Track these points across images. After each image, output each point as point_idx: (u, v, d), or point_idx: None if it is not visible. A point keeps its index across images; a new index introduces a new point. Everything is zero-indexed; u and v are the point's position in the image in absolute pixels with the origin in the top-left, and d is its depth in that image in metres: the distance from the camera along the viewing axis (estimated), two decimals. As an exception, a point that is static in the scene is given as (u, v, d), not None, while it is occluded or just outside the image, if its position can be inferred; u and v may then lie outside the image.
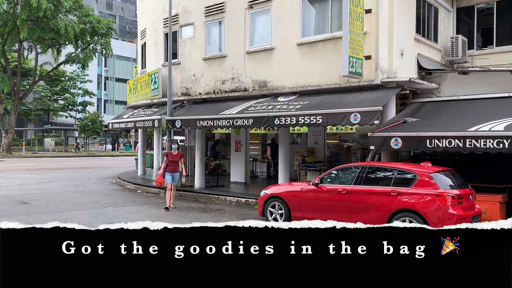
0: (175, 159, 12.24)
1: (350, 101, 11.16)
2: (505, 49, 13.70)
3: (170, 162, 12.22)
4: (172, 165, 12.21)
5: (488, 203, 9.60)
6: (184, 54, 16.15)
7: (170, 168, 12.19)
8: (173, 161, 12.21)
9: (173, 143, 12.46)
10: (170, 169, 12.18)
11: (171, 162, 12.22)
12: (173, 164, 12.22)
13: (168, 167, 12.21)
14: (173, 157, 12.25)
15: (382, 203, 8.23)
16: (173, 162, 12.21)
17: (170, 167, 12.20)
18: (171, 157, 12.24)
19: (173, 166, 12.21)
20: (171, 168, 12.20)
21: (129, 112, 19.92)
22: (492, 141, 8.68)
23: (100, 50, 36.63)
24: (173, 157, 12.25)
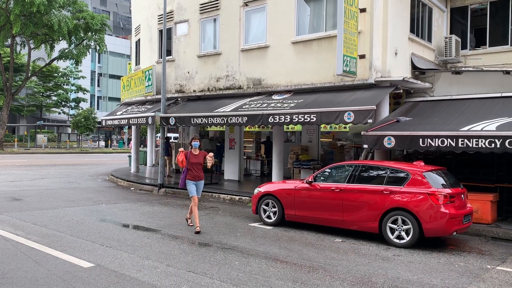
0: (198, 160, 9.08)
1: (344, 100, 11.20)
2: (498, 50, 13.81)
3: (191, 165, 9.05)
4: (195, 170, 9.07)
5: (480, 202, 9.69)
6: (179, 51, 16.10)
7: (191, 174, 9.07)
8: (195, 164, 9.07)
9: (194, 140, 9.21)
10: (191, 176, 9.07)
11: (193, 165, 9.05)
12: (196, 169, 9.08)
13: (189, 173, 9.08)
14: (195, 158, 9.06)
15: (375, 202, 8.27)
16: (195, 166, 9.07)
17: (191, 172, 9.06)
18: (192, 158, 9.05)
19: (195, 172, 9.08)
20: (193, 174, 9.07)
21: (122, 109, 19.84)
22: (484, 141, 8.75)
23: (94, 46, 36.45)
24: (195, 158, 9.07)
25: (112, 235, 8.39)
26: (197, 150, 9.22)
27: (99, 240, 7.89)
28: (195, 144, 9.18)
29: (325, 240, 8.46)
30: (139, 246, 7.58)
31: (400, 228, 7.99)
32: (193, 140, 9.24)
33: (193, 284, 5.63)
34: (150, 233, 8.67)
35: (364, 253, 7.54)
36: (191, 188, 9.08)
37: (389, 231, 8.10)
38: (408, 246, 7.87)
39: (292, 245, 7.99)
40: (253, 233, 8.86)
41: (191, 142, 9.21)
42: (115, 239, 8.02)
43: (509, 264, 7.04)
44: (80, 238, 8.01)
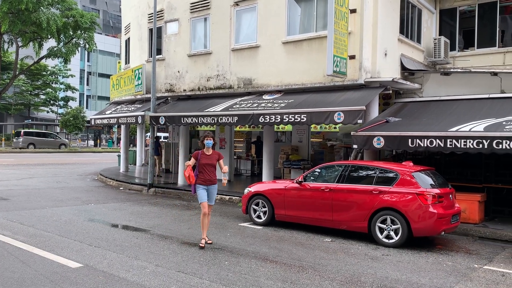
0: (210, 161, 7.87)
1: (334, 100, 11.23)
2: (486, 51, 13.97)
3: (202, 167, 7.82)
4: (206, 173, 7.82)
5: (468, 202, 9.79)
6: (169, 50, 16.02)
7: (202, 177, 7.82)
8: (207, 166, 7.84)
9: (207, 138, 7.91)
10: (202, 179, 7.81)
11: (204, 167, 7.82)
12: (207, 171, 7.83)
13: (199, 176, 7.84)
14: (207, 159, 7.85)
15: (364, 202, 8.31)
16: (207, 168, 7.83)
17: (202, 175, 7.82)
18: (205, 159, 7.84)
19: (207, 174, 7.83)
20: (204, 177, 7.82)
21: (112, 108, 19.70)
22: (472, 141, 8.85)
23: (83, 44, 36.08)
24: (207, 158, 7.86)
25: (100, 235, 8.32)
26: (210, 149, 7.91)
27: (87, 240, 7.82)
28: (208, 143, 7.86)
29: (314, 239, 8.48)
30: (128, 246, 7.52)
31: (389, 227, 8.04)
32: (206, 138, 7.90)
33: (182, 284, 5.61)
34: (139, 233, 8.61)
35: (353, 252, 7.58)
36: (201, 194, 7.78)
37: (378, 231, 8.15)
38: (397, 246, 7.92)
39: (282, 244, 7.99)
40: (243, 233, 8.85)
41: (204, 141, 7.89)
42: (103, 239, 7.95)
43: (496, 264, 7.13)
44: (68, 238, 7.94)
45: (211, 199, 7.97)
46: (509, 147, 8.46)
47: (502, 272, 6.65)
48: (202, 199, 7.83)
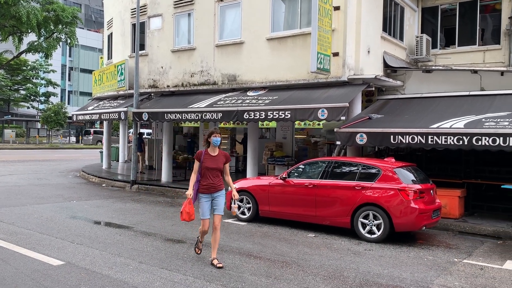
0: (216, 164, 6.40)
1: (318, 97, 11.30)
2: (467, 49, 14.22)
3: (205, 171, 6.38)
4: (209, 178, 6.38)
5: (448, 197, 9.96)
6: (152, 45, 15.88)
7: (205, 183, 6.38)
8: (212, 170, 6.38)
9: (214, 134, 6.38)
10: (205, 186, 6.38)
11: (208, 171, 6.37)
12: (211, 176, 6.38)
13: (203, 182, 6.39)
14: (212, 161, 6.39)
15: (347, 197, 8.40)
16: (210, 172, 6.38)
17: (205, 181, 6.38)
18: (209, 161, 6.38)
19: (210, 179, 6.38)
20: (207, 183, 6.38)
21: (94, 103, 19.44)
22: (453, 138, 9.00)
23: (65, 39, 35.48)
24: (212, 160, 6.39)
25: (83, 232, 8.24)
26: (217, 149, 6.43)
27: (69, 238, 7.73)
28: (216, 141, 6.34)
29: (298, 235, 8.54)
30: (111, 243, 7.46)
31: (372, 223, 8.14)
32: (213, 134, 6.34)
33: (166, 281, 5.59)
34: (123, 230, 8.55)
35: (336, 247, 7.66)
36: (204, 208, 6.34)
37: (361, 226, 8.24)
38: (379, 241, 8.03)
39: (266, 240, 8.03)
40: (227, 229, 8.86)
41: (210, 138, 6.35)
42: (86, 236, 7.87)
43: (475, 257, 7.28)
44: (50, 236, 7.83)
45: (218, 208, 6.40)
46: (488, 144, 8.64)
47: (481, 265, 6.80)
48: (204, 214, 6.34)
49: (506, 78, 11.05)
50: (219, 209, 6.45)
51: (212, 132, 6.42)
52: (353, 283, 5.77)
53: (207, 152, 6.46)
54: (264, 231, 8.80)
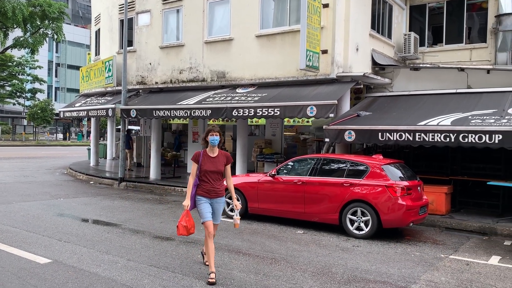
0: (216, 167, 5.74)
1: (307, 94, 11.32)
2: (454, 47, 14.36)
3: (204, 174, 5.73)
4: (209, 182, 5.73)
5: (435, 194, 10.07)
6: (140, 41, 15.76)
7: (204, 187, 5.74)
8: (212, 173, 5.73)
9: (212, 133, 5.71)
10: (204, 190, 5.74)
11: (207, 174, 5.72)
12: (211, 179, 5.74)
13: (200, 186, 5.76)
14: (212, 163, 5.73)
15: (335, 194, 8.44)
16: (210, 175, 5.73)
17: (206, 185, 5.73)
18: (208, 163, 5.73)
19: (210, 183, 5.73)
20: (207, 187, 5.74)
21: (81, 100, 19.26)
22: (440, 135, 9.10)
23: (51, 35, 35.00)
24: (212, 163, 5.73)
25: (70, 230, 8.16)
26: (216, 149, 5.76)
27: (56, 235, 7.66)
28: (214, 140, 5.65)
29: (287, 232, 8.56)
30: (98, 241, 7.41)
31: (360, 219, 8.20)
32: (210, 133, 5.68)
33: (155, 278, 5.57)
34: (110, 228, 8.49)
35: (325, 244, 7.70)
36: (204, 209, 5.68)
37: (349, 223, 8.30)
38: (367, 237, 8.09)
39: (255, 237, 8.04)
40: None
41: (207, 137, 5.70)
42: (73, 234, 7.80)
43: (461, 253, 7.38)
44: (37, 234, 7.75)
45: (216, 217, 5.81)
46: (475, 141, 8.75)
47: (467, 261, 6.89)
48: (205, 216, 5.66)
49: (492, 76, 11.20)
50: (217, 218, 5.84)
51: (210, 131, 5.71)
52: (341, 279, 5.80)
53: (206, 153, 5.76)
54: (253, 228, 8.81)
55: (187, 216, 5.72)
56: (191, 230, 5.72)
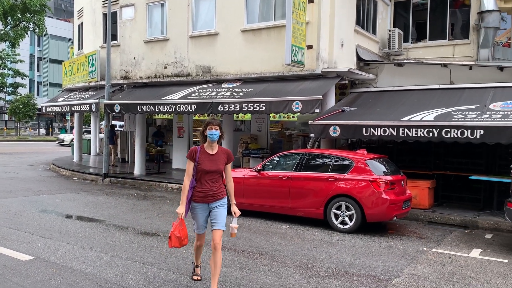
0: (215, 166, 4.94)
1: (292, 90, 11.34)
2: (437, 43, 14.52)
3: (201, 175, 4.93)
4: (208, 183, 4.93)
5: (418, 188, 10.20)
6: (124, 36, 15.57)
7: (201, 190, 4.94)
8: (210, 173, 4.93)
9: (210, 126, 4.85)
10: (202, 194, 4.94)
11: (205, 175, 4.92)
12: (209, 181, 4.94)
13: (198, 189, 4.94)
14: (210, 162, 4.92)
15: (320, 189, 8.49)
16: (208, 176, 4.94)
17: (202, 187, 4.93)
18: (206, 161, 4.92)
19: (208, 185, 4.93)
20: (204, 190, 4.94)
21: (64, 95, 18.98)
22: (423, 130, 9.22)
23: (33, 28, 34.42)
24: (210, 161, 4.92)
25: (53, 226, 8.06)
26: (216, 145, 4.95)
27: (39, 232, 7.55)
28: (212, 135, 4.83)
29: (272, 227, 8.59)
30: (82, 237, 7.33)
31: (344, 214, 8.27)
32: (209, 126, 4.85)
33: (139, 274, 5.54)
34: (94, 224, 8.41)
35: (310, 238, 7.74)
36: (199, 220, 5.03)
37: (334, 217, 8.36)
38: (351, 231, 8.17)
39: (240, 232, 8.04)
40: (201, 222, 8.83)
41: (205, 131, 4.89)
42: (56, 231, 7.71)
43: (444, 246, 7.50)
44: (18, 230, 7.63)
45: (218, 222, 4.92)
46: (457, 136, 8.89)
47: (449, 254, 7.01)
48: (199, 228, 5.06)
49: (474, 72, 11.36)
50: (220, 223, 4.91)
51: (209, 123, 4.87)
52: (325, 273, 5.85)
53: (204, 149, 4.93)
54: (239, 223, 8.76)
55: (181, 225, 4.94)
56: (184, 241, 4.99)
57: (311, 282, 5.48)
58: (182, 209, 4.93)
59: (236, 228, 5.04)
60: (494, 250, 7.29)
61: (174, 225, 5.01)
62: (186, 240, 5.03)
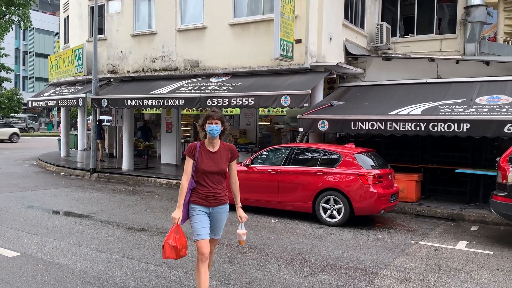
0: (217, 167, 4.32)
1: (281, 84, 11.33)
2: (424, 38, 14.61)
3: (201, 175, 4.29)
4: (209, 185, 4.30)
5: (406, 181, 10.29)
6: (111, 29, 15.39)
7: (201, 192, 4.30)
8: (212, 173, 4.31)
9: (211, 120, 4.22)
10: (202, 195, 4.30)
11: (207, 175, 4.30)
12: (213, 181, 4.33)
13: (198, 190, 4.30)
14: (212, 161, 4.30)
15: (308, 183, 8.52)
16: (211, 176, 4.31)
17: (203, 189, 4.30)
18: (206, 161, 4.28)
19: (209, 188, 4.31)
20: (207, 192, 4.30)
21: (50, 89, 18.72)
22: (411, 124, 9.29)
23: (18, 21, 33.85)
24: (211, 160, 4.30)
25: (40, 222, 7.97)
26: (217, 141, 4.31)
27: (25, 228, 7.47)
28: (213, 131, 4.20)
29: (261, 221, 8.61)
30: (69, 233, 7.27)
31: (332, 207, 8.31)
32: (209, 120, 4.22)
33: (127, 269, 5.52)
34: (82, 219, 8.34)
35: (299, 232, 7.78)
36: (198, 223, 4.23)
37: (322, 211, 8.40)
38: (340, 225, 8.22)
39: (229, 227, 8.01)
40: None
41: (204, 125, 4.25)
42: (43, 226, 7.63)
43: (430, 239, 7.59)
44: (4, 227, 7.54)
45: (215, 230, 4.41)
46: (444, 130, 8.98)
47: (436, 246, 7.09)
48: (200, 233, 4.21)
49: (461, 66, 11.47)
50: (217, 231, 4.43)
51: (208, 117, 4.22)
52: (314, 266, 5.88)
53: (204, 146, 4.28)
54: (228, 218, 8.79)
55: (177, 232, 4.14)
56: (182, 252, 4.16)
57: (300, 275, 5.51)
58: (178, 214, 4.15)
59: (245, 235, 4.46)
60: (480, 242, 7.39)
61: (169, 232, 4.17)
62: (185, 251, 4.20)
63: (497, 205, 7.25)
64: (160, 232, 7.47)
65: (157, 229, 7.69)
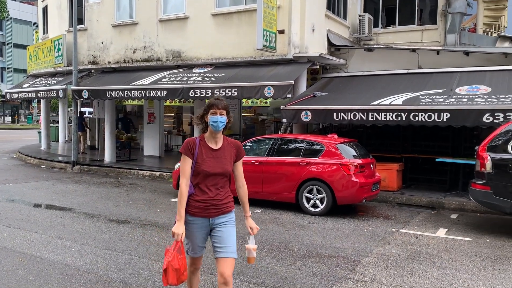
0: (221, 167, 3.47)
1: (264, 75, 11.32)
2: (406, 29, 14.74)
3: (202, 177, 3.45)
4: (211, 188, 3.48)
5: (387, 171, 10.43)
6: (91, 19, 15.13)
7: (202, 198, 3.45)
8: (215, 176, 3.46)
9: (215, 110, 3.37)
10: (201, 205, 3.45)
11: (207, 178, 3.46)
12: (215, 185, 3.49)
13: (196, 197, 3.46)
14: (214, 161, 3.46)
15: (292, 173, 8.57)
16: (213, 179, 3.47)
17: (202, 195, 3.46)
18: (207, 160, 3.44)
19: (210, 192, 3.47)
20: (206, 199, 3.46)
21: (30, 81, 18.35)
22: (392, 114, 9.39)
23: (-6, 11, 32.99)
24: (213, 159, 3.46)
25: (20, 215, 7.85)
26: (220, 136, 3.55)
27: (5, 222, 7.35)
28: (217, 122, 3.42)
29: (245, 212, 8.62)
30: (51, 226, 7.18)
31: (315, 197, 8.38)
32: (212, 110, 3.43)
33: (110, 262, 5.48)
34: (64, 212, 8.24)
35: (282, 222, 7.83)
36: (195, 237, 3.58)
37: (305, 201, 8.47)
38: (323, 214, 8.30)
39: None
40: (174, 209, 8.78)
41: (206, 116, 3.46)
42: (24, 220, 7.52)
43: (411, 227, 7.72)
44: (-17, 220, 7.41)
45: (226, 247, 3.58)
46: (424, 119, 9.10)
47: (416, 234, 7.22)
48: (194, 250, 3.65)
49: (441, 57, 11.61)
50: (229, 247, 3.57)
51: (211, 106, 3.44)
52: (297, 255, 5.94)
53: (204, 142, 3.51)
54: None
55: (180, 252, 3.40)
56: (183, 276, 3.43)
57: (283, 264, 5.56)
58: (180, 228, 3.39)
59: (255, 251, 3.67)
60: (459, 230, 7.56)
61: (169, 252, 3.42)
62: (186, 274, 3.47)
63: (475, 193, 7.41)
64: (143, 224, 7.44)
65: (140, 221, 7.65)
